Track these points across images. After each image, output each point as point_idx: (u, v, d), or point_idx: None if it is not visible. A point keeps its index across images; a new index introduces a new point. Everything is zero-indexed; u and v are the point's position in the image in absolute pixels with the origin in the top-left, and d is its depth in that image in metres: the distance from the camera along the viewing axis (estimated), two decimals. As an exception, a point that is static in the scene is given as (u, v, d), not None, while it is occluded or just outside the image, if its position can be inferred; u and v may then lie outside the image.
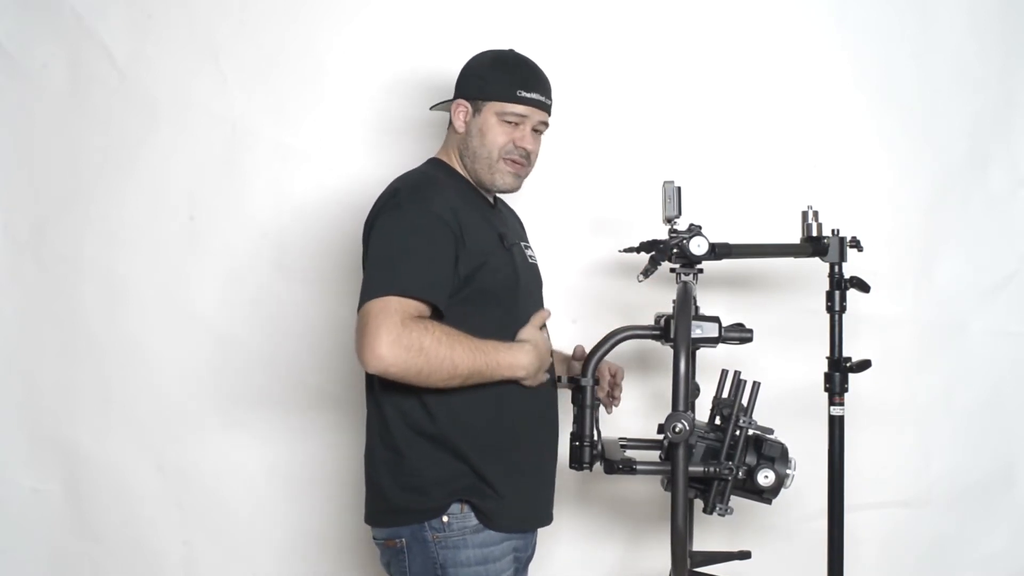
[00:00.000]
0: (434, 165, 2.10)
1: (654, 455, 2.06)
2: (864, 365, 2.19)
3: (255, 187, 2.63)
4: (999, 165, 2.67)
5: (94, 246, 2.64)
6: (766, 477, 1.94)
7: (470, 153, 2.06)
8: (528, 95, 2.04)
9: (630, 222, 2.46)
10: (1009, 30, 2.66)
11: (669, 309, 2.02)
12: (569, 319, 2.53)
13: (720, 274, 2.41)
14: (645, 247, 2.15)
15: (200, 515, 2.65)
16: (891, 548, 2.65)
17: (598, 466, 1.95)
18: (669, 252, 2.05)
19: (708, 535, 2.44)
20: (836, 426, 2.20)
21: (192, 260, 2.63)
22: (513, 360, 1.91)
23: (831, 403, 2.20)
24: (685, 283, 2.01)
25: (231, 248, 2.62)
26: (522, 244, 2.14)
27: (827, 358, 2.22)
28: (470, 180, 2.08)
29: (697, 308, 1.98)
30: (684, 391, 1.79)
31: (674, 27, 2.64)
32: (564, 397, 2.00)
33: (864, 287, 2.20)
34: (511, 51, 2.12)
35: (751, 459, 1.96)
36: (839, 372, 2.20)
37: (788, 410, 2.28)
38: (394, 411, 1.95)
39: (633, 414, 2.58)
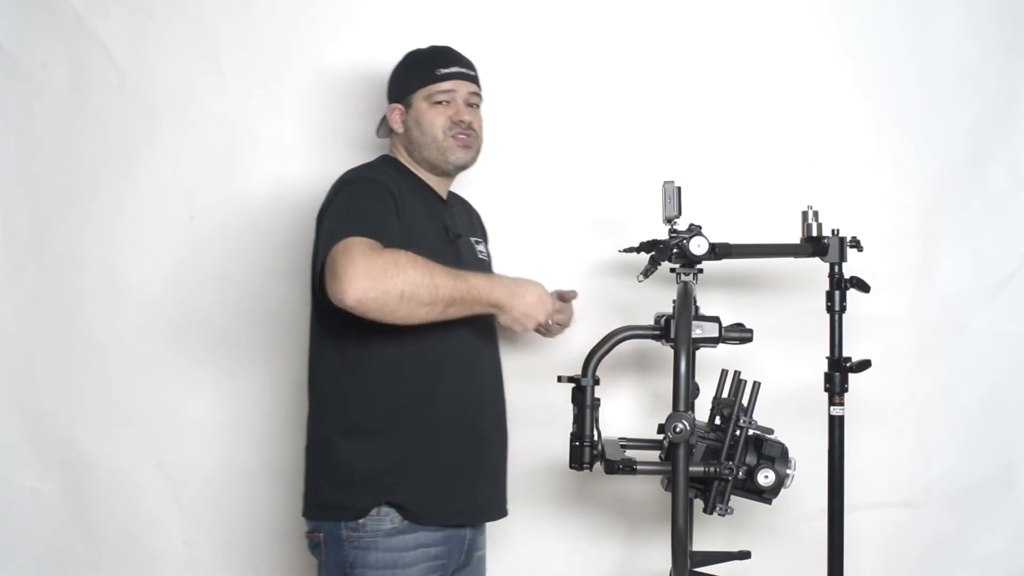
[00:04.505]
0: (384, 160, 2.16)
1: (654, 455, 2.06)
2: (864, 365, 2.19)
3: (255, 187, 2.63)
4: (999, 165, 2.67)
5: (94, 246, 2.64)
6: (766, 477, 1.94)
7: (416, 146, 2.12)
8: (447, 70, 2.11)
9: (630, 222, 2.46)
10: (1009, 30, 2.66)
11: (669, 309, 2.02)
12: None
13: (720, 274, 2.41)
14: (645, 247, 2.15)
15: (200, 515, 2.65)
16: (891, 548, 2.64)
17: (598, 466, 1.95)
18: (669, 252, 2.05)
19: (708, 535, 2.44)
20: (836, 426, 2.20)
21: (192, 260, 2.63)
22: (491, 290, 1.94)
23: (831, 403, 2.21)
24: (685, 283, 2.01)
25: (231, 248, 2.62)
26: (472, 240, 2.17)
27: (827, 358, 2.22)
28: (419, 174, 2.13)
29: (697, 308, 1.98)
30: (684, 391, 1.79)
31: (674, 27, 2.64)
32: (562, 395, 1.99)
33: (864, 287, 2.20)
34: (420, 47, 2.19)
35: (751, 459, 1.96)
36: (839, 372, 2.20)
37: (788, 410, 2.28)
38: (329, 404, 2.00)
39: (633, 414, 2.58)
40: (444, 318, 1.90)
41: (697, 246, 2.03)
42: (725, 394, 2.04)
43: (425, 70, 2.12)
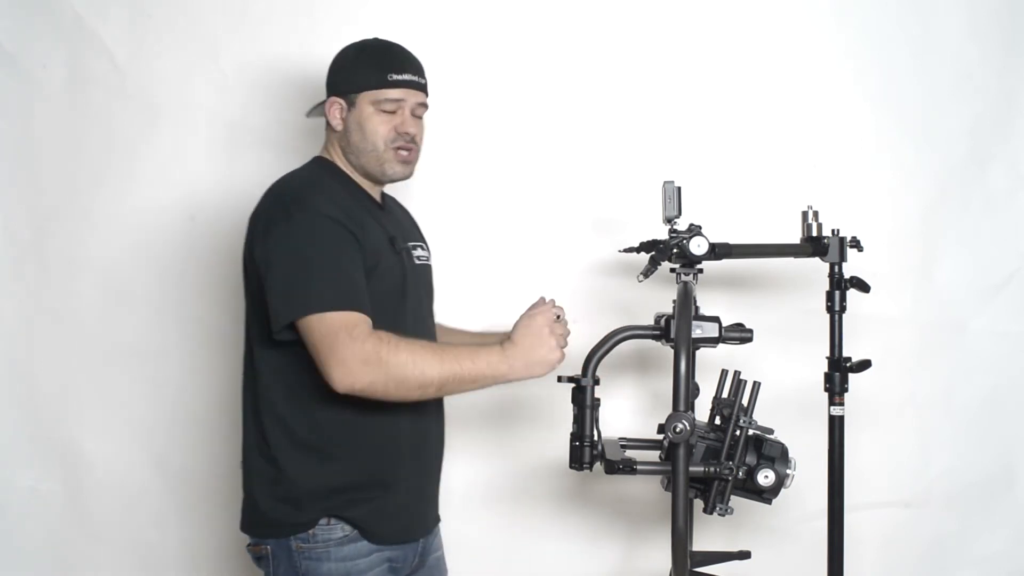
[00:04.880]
0: (319, 164, 2.06)
1: (654, 455, 2.06)
2: (864, 365, 2.19)
3: (255, 187, 2.61)
4: (999, 165, 2.67)
5: (94, 246, 2.64)
6: (766, 477, 1.94)
7: (354, 149, 2.01)
8: (400, 77, 2.00)
9: (630, 222, 2.47)
10: (1009, 30, 2.66)
11: (669, 309, 2.02)
12: (569, 319, 2.53)
13: (720, 274, 2.41)
14: (645, 247, 2.15)
15: (200, 514, 2.65)
16: (891, 548, 2.65)
17: (598, 466, 1.95)
18: (669, 252, 2.05)
19: (708, 535, 2.44)
20: (836, 426, 2.20)
21: (192, 260, 2.63)
22: (486, 361, 1.84)
23: (831, 403, 2.21)
24: (685, 283, 2.01)
25: (231, 248, 2.62)
26: (411, 245, 2.09)
27: (827, 358, 2.22)
28: (355, 178, 2.04)
29: (697, 308, 1.98)
30: (684, 391, 1.79)
31: (674, 27, 2.64)
32: (562, 395, 1.99)
33: (864, 287, 2.20)
34: (375, 39, 2.08)
35: (751, 459, 1.96)
36: (839, 372, 2.20)
37: (788, 410, 2.28)
38: (274, 422, 1.91)
39: (633, 414, 2.58)
40: (444, 395, 1.90)
41: (697, 246, 2.02)
42: (725, 394, 2.04)
43: (376, 71, 1.99)
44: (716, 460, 1.95)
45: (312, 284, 1.81)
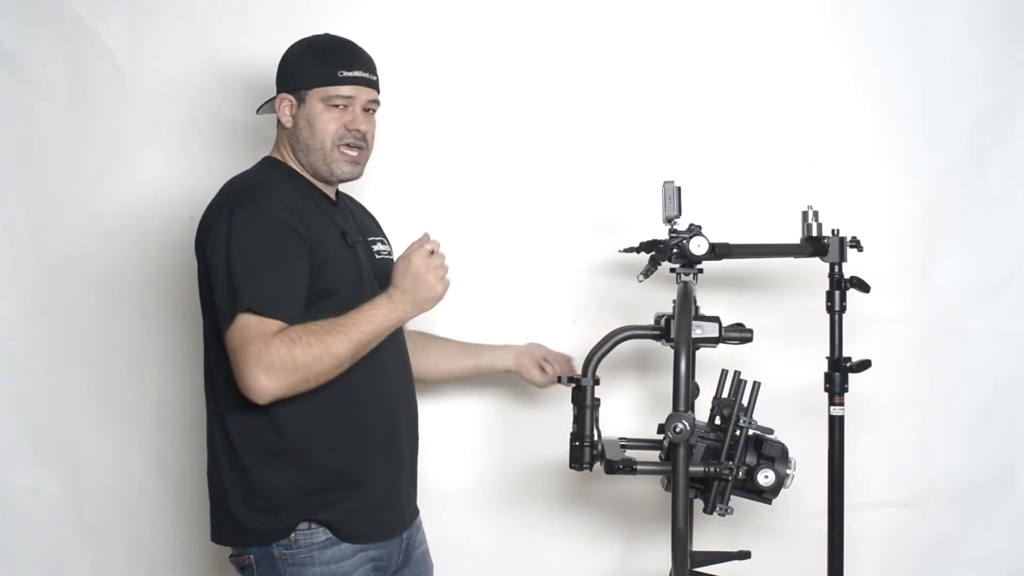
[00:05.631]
0: (268, 164, 2.06)
1: (654, 455, 2.07)
2: (864, 365, 2.19)
3: (255, 187, 2.62)
4: (999, 165, 2.67)
5: (94, 246, 2.64)
6: (766, 477, 1.94)
7: (302, 147, 2.01)
8: (350, 74, 2.00)
9: (630, 222, 2.46)
10: (1009, 30, 2.66)
11: (669, 309, 2.02)
12: (569, 319, 2.54)
13: (720, 274, 2.41)
14: (645, 247, 2.15)
15: (199, 515, 2.65)
16: (891, 548, 2.65)
17: (598, 466, 1.95)
18: (669, 252, 2.05)
19: (708, 535, 2.44)
20: (836, 426, 2.20)
21: (192, 260, 2.62)
22: (377, 311, 1.87)
23: (831, 403, 2.20)
24: (685, 283, 2.01)
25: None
26: (369, 240, 2.09)
27: (827, 358, 2.22)
28: (307, 176, 2.03)
29: (697, 308, 1.98)
30: (684, 391, 1.79)
31: (674, 27, 2.64)
32: (562, 397, 1.99)
33: (864, 287, 2.20)
34: (325, 34, 2.08)
35: (751, 459, 1.96)
36: (839, 372, 2.20)
37: (788, 410, 2.28)
38: (240, 429, 1.90)
39: (633, 414, 2.58)
40: (359, 358, 1.87)
41: (697, 246, 2.03)
42: (725, 394, 2.04)
43: (325, 68, 1.99)
44: (716, 460, 1.95)
45: (242, 286, 1.81)
